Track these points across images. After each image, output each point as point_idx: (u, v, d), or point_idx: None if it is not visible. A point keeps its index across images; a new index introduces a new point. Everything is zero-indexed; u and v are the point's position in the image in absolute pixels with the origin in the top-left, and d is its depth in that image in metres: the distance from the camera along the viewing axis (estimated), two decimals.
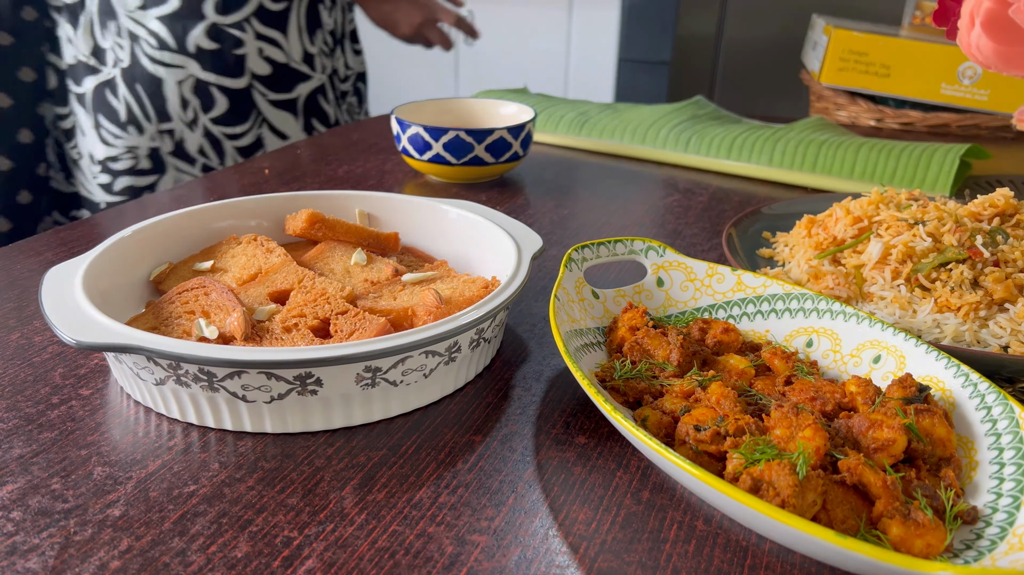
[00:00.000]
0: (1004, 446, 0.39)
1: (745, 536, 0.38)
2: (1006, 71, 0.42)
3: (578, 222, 0.77)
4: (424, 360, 0.45)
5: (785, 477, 0.35)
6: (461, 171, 0.85)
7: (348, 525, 0.38)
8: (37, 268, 0.65)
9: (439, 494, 0.40)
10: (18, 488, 0.40)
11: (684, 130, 0.98)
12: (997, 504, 0.37)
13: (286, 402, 0.43)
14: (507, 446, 0.44)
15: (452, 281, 0.55)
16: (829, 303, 0.50)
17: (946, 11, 0.51)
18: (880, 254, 0.57)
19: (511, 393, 0.49)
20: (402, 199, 0.63)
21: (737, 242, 0.65)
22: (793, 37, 1.92)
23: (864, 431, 0.39)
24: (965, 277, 0.54)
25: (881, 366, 0.46)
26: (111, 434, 0.44)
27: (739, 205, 0.83)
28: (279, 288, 0.53)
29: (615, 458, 0.43)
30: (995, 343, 0.51)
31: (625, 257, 0.55)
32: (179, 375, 0.43)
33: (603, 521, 0.39)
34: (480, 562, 0.36)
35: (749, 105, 2.12)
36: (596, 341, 0.51)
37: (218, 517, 0.38)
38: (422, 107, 0.93)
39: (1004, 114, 1.11)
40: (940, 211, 0.59)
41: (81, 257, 0.51)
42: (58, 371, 0.50)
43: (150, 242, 0.57)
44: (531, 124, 0.86)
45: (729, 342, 0.50)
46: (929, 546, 0.34)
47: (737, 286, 0.54)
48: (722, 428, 0.39)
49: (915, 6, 1.20)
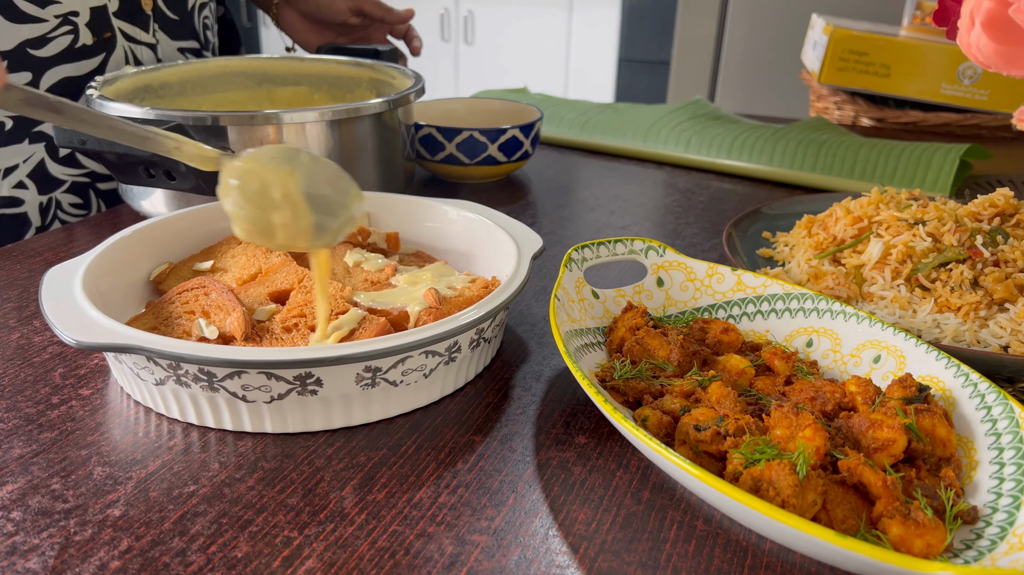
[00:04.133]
0: (1004, 446, 0.39)
1: (745, 536, 0.38)
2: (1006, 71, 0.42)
3: (578, 222, 0.77)
4: (424, 360, 0.45)
5: (785, 477, 0.35)
6: (473, 171, 0.85)
7: (348, 525, 0.38)
8: (37, 268, 0.65)
9: (439, 494, 0.40)
10: (18, 488, 0.40)
11: (684, 130, 0.98)
12: (997, 504, 0.37)
13: (286, 402, 0.43)
14: (507, 446, 0.44)
15: (452, 281, 0.55)
16: (829, 303, 0.50)
17: (946, 11, 0.51)
18: (880, 254, 0.57)
19: (511, 393, 0.49)
20: (402, 199, 0.63)
21: (737, 242, 0.65)
22: (793, 37, 1.92)
23: (864, 431, 0.39)
24: (965, 277, 0.54)
25: (881, 366, 0.46)
26: (111, 434, 0.44)
27: (739, 205, 0.83)
28: (279, 288, 0.53)
29: (615, 458, 0.43)
30: (995, 343, 0.51)
31: (625, 257, 0.55)
32: (179, 375, 0.43)
33: (603, 521, 0.39)
34: (480, 562, 0.36)
35: (749, 105, 2.12)
36: (596, 341, 0.51)
37: (218, 517, 0.38)
38: (426, 107, 0.93)
39: (1004, 114, 1.11)
40: (940, 211, 0.58)
41: (81, 257, 0.51)
42: (58, 371, 0.50)
43: (150, 242, 0.57)
44: (539, 123, 0.87)
45: (729, 342, 0.50)
46: (929, 546, 0.34)
47: (737, 286, 0.54)
48: (722, 428, 0.39)
49: (915, 6, 1.20)
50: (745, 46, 2.12)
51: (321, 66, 0.89)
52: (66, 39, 0.76)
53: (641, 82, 3.09)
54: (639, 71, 3.09)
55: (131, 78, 0.77)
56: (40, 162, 0.78)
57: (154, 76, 0.80)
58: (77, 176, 0.81)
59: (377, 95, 0.86)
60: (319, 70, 0.89)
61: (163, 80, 0.81)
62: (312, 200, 0.43)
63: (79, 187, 0.81)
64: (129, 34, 0.81)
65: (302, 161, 0.43)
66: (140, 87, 0.78)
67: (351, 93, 0.89)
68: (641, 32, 3.02)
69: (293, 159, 0.43)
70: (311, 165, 0.44)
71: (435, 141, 0.83)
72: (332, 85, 0.89)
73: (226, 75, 0.86)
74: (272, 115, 0.66)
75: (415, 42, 1.04)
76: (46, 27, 0.74)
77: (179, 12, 0.87)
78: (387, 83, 0.85)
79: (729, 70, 2.17)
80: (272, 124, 0.67)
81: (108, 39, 0.79)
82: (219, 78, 0.86)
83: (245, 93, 0.88)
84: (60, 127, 0.60)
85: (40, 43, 0.74)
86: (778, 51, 2.04)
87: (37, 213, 0.79)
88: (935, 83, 1.12)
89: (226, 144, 0.66)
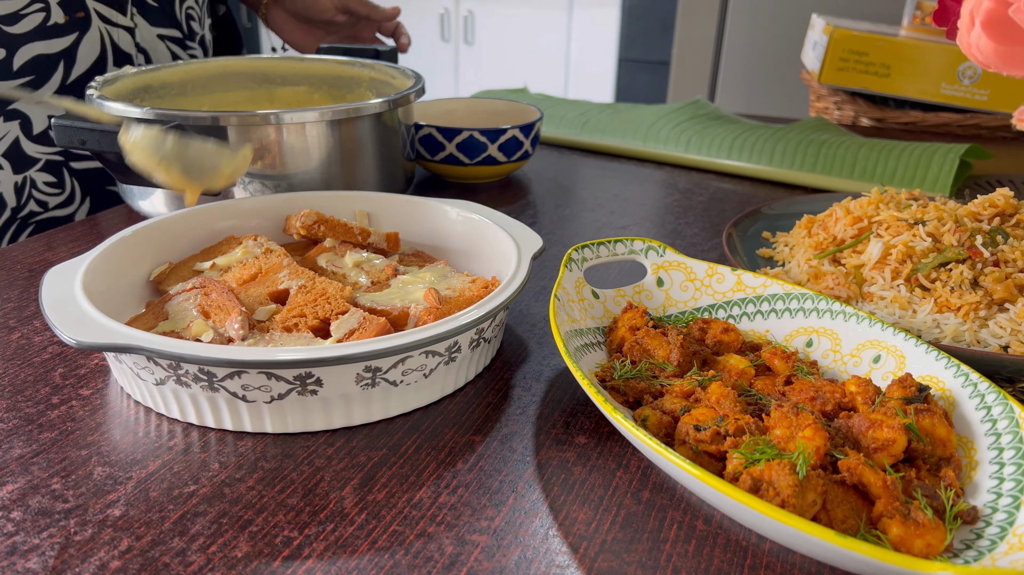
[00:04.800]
0: (1004, 446, 0.39)
1: (745, 536, 0.38)
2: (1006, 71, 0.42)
3: (578, 222, 0.77)
4: (424, 360, 0.45)
5: (785, 477, 0.35)
6: (474, 171, 0.85)
7: (348, 525, 0.38)
8: (37, 268, 0.65)
9: (439, 494, 0.40)
10: (18, 488, 0.40)
11: (684, 130, 0.98)
12: (997, 504, 0.37)
13: (286, 402, 0.43)
14: (507, 446, 0.44)
15: (452, 281, 0.55)
16: (829, 303, 0.50)
17: (946, 11, 0.51)
18: (880, 254, 0.57)
19: (511, 393, 0.49)
20: (402, 199, 0.63)
21: (737, 242, 0.65)
22: (793, 37, 1.92)
23: (864, 431, 0.39)
24: (965, 277, 0.54)
25: (881, 366, 0.46)
26: (111, 434, 0.44)
27: (739, 205, 0.83)
28: (279, 288, 0.53)
29: (615, 458, 0.43)
30: (995, 343, 0.51)
31: (625, 257, 0.55)
32: (179, 375, 0.43)
33: (603, 521, 0.39)
34: (480, 562, 0.36)
35: (749, 105, 2.12)
36: (596, 341, 0.51)
37: (218, 517, 0.38)
38: (426, 107, 0.93)
39: (1004, 114, 1.11)
40: (940, 211, 0.58)
41: (81, 257, 0.51)
42: (58, 371, 0.50)
43: (150, 242, 0.57)
44: (539, 123, 0.87)
45: (729, 342, 0.50)
46: (929, 546, 0.34)
47: (737, 286, 0.54)
48: (722, 428, 0.39)
49: (915, 6, 1.20)
50: (745, 46, 2.12)
51: (321, 66, 0.89)
52: (38, 16, 0.77)
53: (641, 82, 3.09)
54: (639, 71, 3.09)
55: (131, 78, 0.77)
56: (15, 140, 0.79)
57: (154, 76, 0.80)
58: (51, 155, 0.81)
59: (377, 95, 0.86)
60: (319, 70, 0.89)
61: (163, 80, 0.81)
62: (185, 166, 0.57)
63: (53, 166, 0.82)
64: (105, 16, 0.82)
65: (166, 149, 0.56)
66: (140, 87, 0.78)
67: (351, 93, 0.89)
68: (641, 32, 3.02)
69: (160, 148, 0.56)
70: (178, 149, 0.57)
71: (435, 141, 0.83)
72: (332, 85, 0.89)
73: (226, 75, 0.86)
74: (272, 115, 0.66)
75: (403, 39, 1.04)
76: (18, 3, 0.75)
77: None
78: (387, 83, 0.85)
79: (729, 70, 2.17)
80: (272, 124, 0.67)
81: (81, 19, 0.80)
82: (219, 78, 0.86)
83: (245, 93, 0.88)
84: (61, 127, 0.60)
85: (13, 20, 0.76)
86: (778, 51, 2.04)
87: (12, 193, 0.79)
88: (935, 83, 1.12)
89: (225, 144, 0.66)
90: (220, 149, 0.58)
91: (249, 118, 0.66)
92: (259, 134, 0.67)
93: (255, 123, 0.66)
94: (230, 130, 0.66)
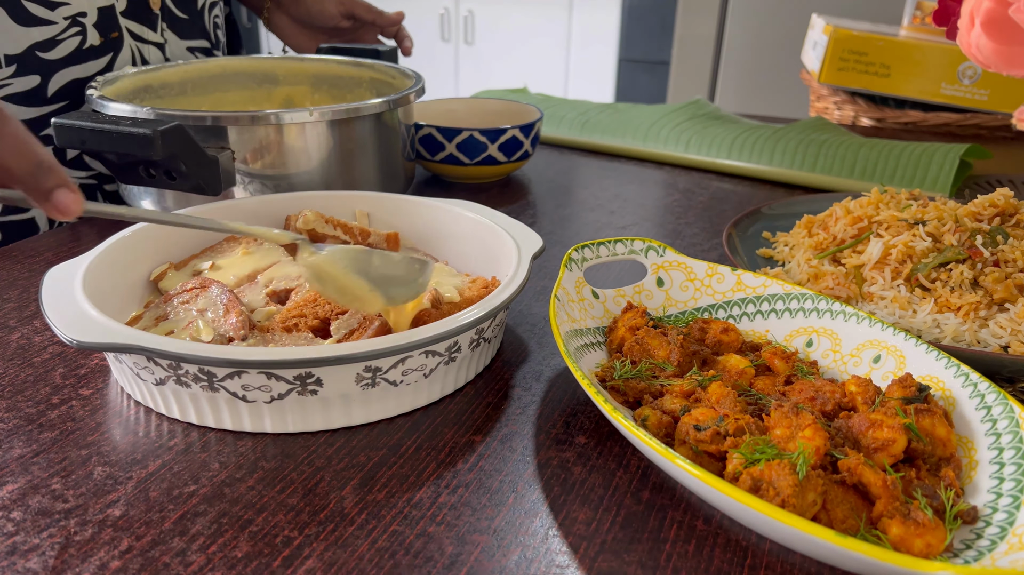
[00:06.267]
0: (1004, 446, 0.39)
1: (745, 536, 0.38)
2: (1006, 71, 0.42)
3: (578, 222, 0.77)
4: (424, 360, 0.45)
5: (785, 477, 0.35)
6: (474, 171, 0.85)
7: (348, 525, 0.38)
8: (37, 268, 0.65)
9: (439, 494, 0.40)
10: (18, 488, 0.40)
11: (684, 130, 0.98)
12: (997, 504, 0.37)
13: (286, 402, 0.43)
14: (507, 446, 0.44)
15: (452, 281, 0.55)
16: (829, 303, 0.50)
17: (946, 11, 0.51)
18: (880, 254, 0.57)
19: (511, 393, 0.49)
20: (402, 199, 0.63)
21: (737, 242, 0.65)
22: (793, 37, 1.92)
23: (864, 431, 0.39)
24: (965, 277, 0.54)
25: (881, 366, 0.46)
26: (111, 434, 0.44)
27: (739, 205, 0.83)
28: (279, 288, 0.53)
29: (615, 458, 0.43)
30: (995, 343, 0.51)
31: (625, 257, 0.55)
32: (179, 375, 0.43)
33: (603, 521, 0.39)
34: (480, 562, 0.36)
35: (749, 105, 2.12)
36: (596, 341, 0.51)
37: (218, 517, 0.38)
38: (426, 107, 0.93)
39: (1004, 114, 1.11)
40: (940, 211, 0.58)
41: (81, 257, 0.51)
42: (58, 371, 0.50)
43: (150, 242, 0.57)
44: (539, 123, 0.87)
45: (729, 342, 0.50)
46: (929, 546, 0.34)
47: (737, 286, 0.54)
48: (722, 428, 0.39)
49: (915, 6, 1.20)
50: (745, 46, 2.12)
51: (321, 66, 0.89)
52: (74, 40, 0.75)
53: (641, 82, 3.09)
54: (639, 71, 3.08)
55: (131, 78, 0.77)
56: None
57: (154, 76, 0.80)
58: (84, 179, 0.81)
59: (377, 95, 0.86)
60: (319, 70, 0.89)
61: (163, 80, 0.81)
62: (380, 282, 0.48)
63: (86, 190, 0.81)
64: (137, 33, 0.81)
65: (373, 264, 0.49)
66: (140, 87, 0.78)
67: (351, 93, 0.89)
68: (641, 32, 3.02)
69: (365, 267, 0.48)
70: (381, 267, 0.49)
71: (435, 141, 0.83)
72: (332, 85, 0.89)
73: (226, 75, 0.86)
74: (272, 115, 0.66)
75: (406, 42, 1.04)
76: (55, 29, 0.74)
77: (188, 11, 0.87)
78: (387, 83, 0.85)
79: (729, 70, 2.17)
80: (272, 124, 0.67)
81: (115, 39, 0.79)
82: (219, 78, 0.86)
83: (245, 93, 0.88)
84: (61, 127, 0.60)
85: (49, 45, 0.74)
86: (778, 51, 2.04)
87: (44, 217, 0.79)
88: (935, 83, 1.12)
89: (225, 144, 0.66)
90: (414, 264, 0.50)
91: (249, 118, 0.66)
92: (259, 134, 0.67)
93: (255, 123, 0.66)
94: (230, 130, 0.66)
